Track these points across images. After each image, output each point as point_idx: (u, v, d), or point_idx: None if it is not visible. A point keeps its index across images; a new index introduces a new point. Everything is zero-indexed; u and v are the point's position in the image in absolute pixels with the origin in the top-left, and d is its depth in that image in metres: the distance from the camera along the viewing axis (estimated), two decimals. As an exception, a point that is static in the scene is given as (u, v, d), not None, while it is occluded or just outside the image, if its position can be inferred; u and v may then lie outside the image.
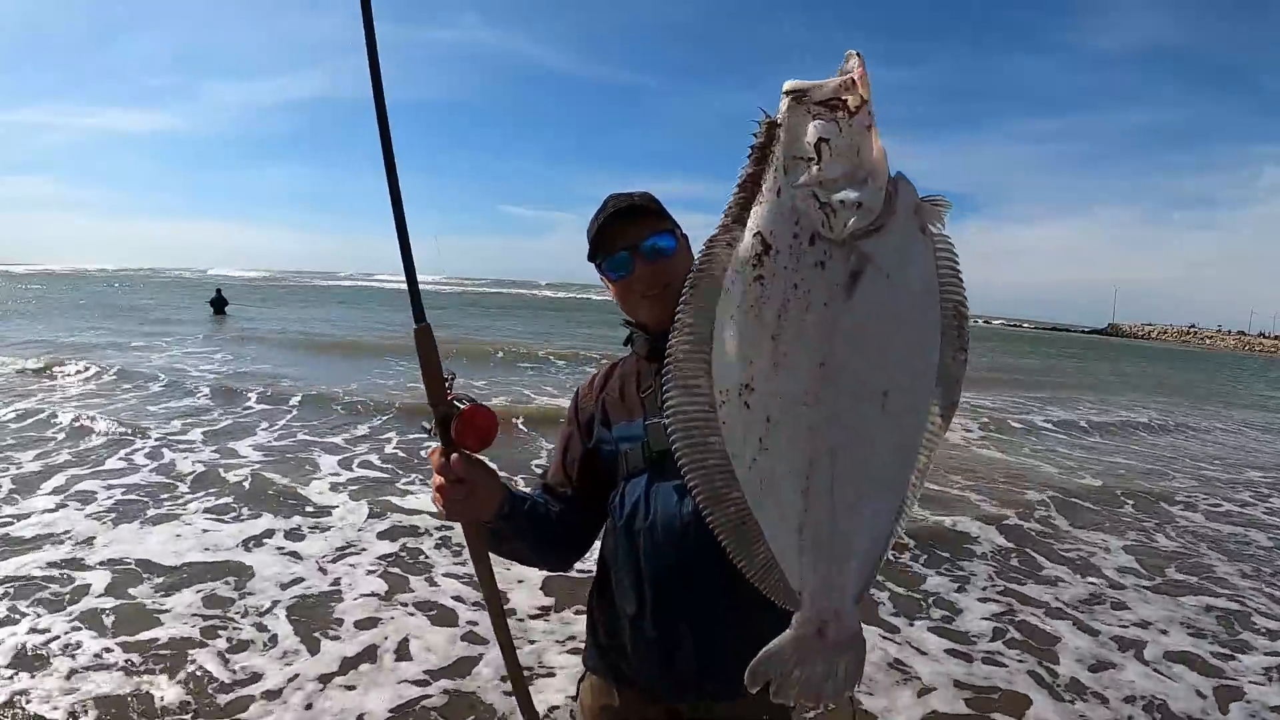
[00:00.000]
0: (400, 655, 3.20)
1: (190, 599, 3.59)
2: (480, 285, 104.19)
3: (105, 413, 7.85)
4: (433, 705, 2.85)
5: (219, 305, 24.20)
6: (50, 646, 3.08)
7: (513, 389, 11.07)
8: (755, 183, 0.85)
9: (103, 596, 3.56)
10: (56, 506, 4.82)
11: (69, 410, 7.79)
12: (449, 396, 1.14)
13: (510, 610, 3.64)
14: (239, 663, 3.05)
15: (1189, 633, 3.92)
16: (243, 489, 5.39)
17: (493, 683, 2.98)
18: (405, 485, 5.76)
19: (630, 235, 1.28)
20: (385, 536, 4.61)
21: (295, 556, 4.24)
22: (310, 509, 5.06)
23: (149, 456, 6.16)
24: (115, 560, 3.99)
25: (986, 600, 4.21)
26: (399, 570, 4.13)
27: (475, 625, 3.49)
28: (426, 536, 4.59)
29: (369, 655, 3.19)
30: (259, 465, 6.11)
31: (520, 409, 9.01)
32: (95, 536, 4.30)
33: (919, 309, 0.83)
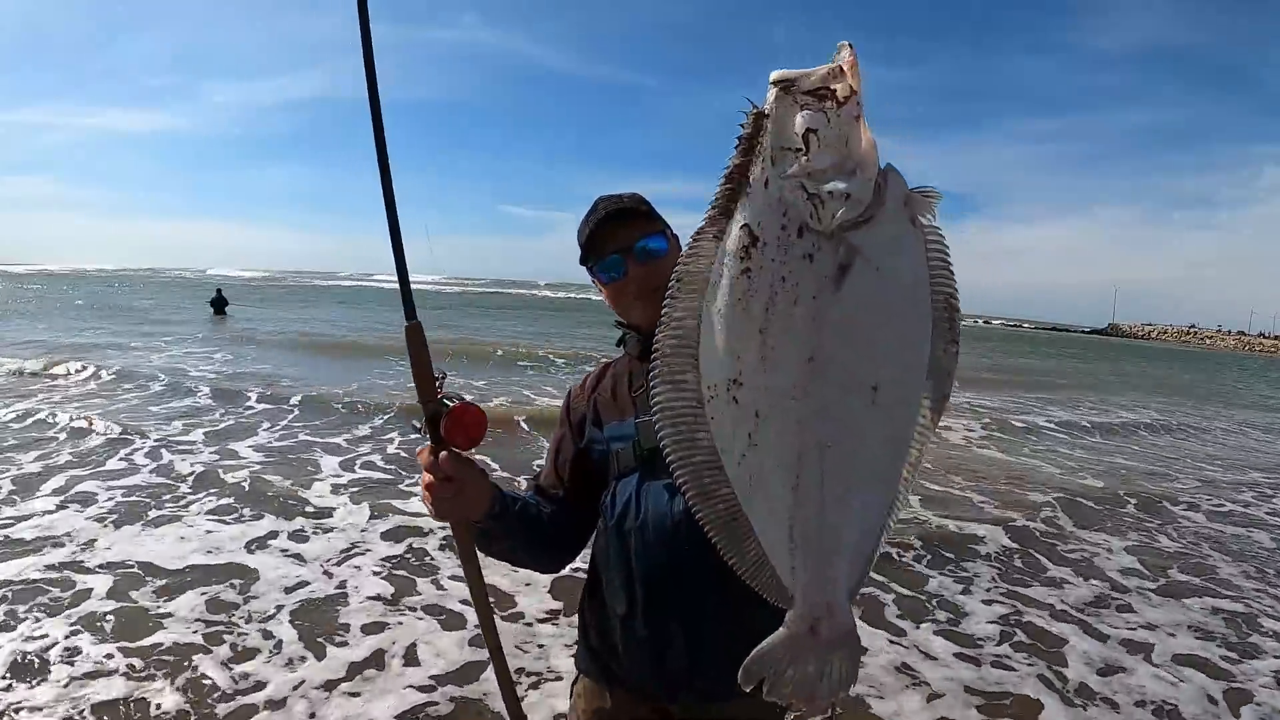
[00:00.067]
0: (408, 660, 3.17)
1: (192, 603, 3.56)
2: (480, 285, 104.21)
3: (105, 413, 7.82)
4: (440, 713, 2.81)
5: (219, 305, 24.17)
6: (49, 653, 3.04)
7: (512, 389, 11.06)
8: (742, 174, 0.83)
9: (103, 600, 3.53)
10: (56, 508, 4.79)
11: (69, 411, 7.76)
12: (439, 395, 1.14)
13: (519, 614, 3.61)
14: (242, 669, 3.02)
15: (1197, 636, 3.90)
16: (244, 490, 5.37)
17: (498, 690, 2.93)
18: (408, 486, 5.74)
19: (621, 238, 1.27)
20: (389, 538, 4.59)
21: (299, 559, 4.22)
22: (313, 510, 5.03)
23: (149, 457, 6.13)
24: (116, 563, 3.96)
25: (991, 602, 4.19)
26: (405, 572, 4.10)
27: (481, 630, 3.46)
28: (431, 537, 4.57)
29: (376, 661, 3.15)
30: (260, 466, 6.09)
31: (524, 410, 8.99)
32: (96, 539, 4.28)
33: (909, 301, 0.82)
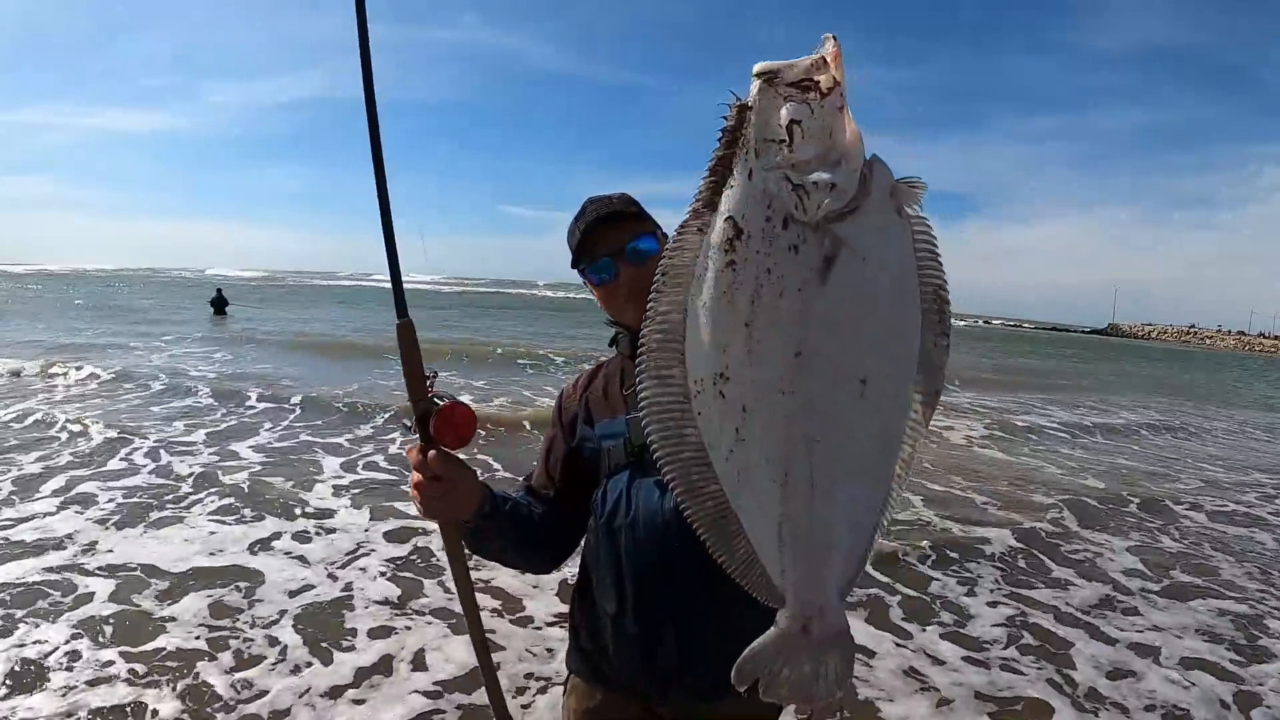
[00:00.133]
0: (417, 666, 3.13)
1: (195, 606, 3.53)
2: (480, 285, 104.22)
3: (105, 414, 7.80)
4: (446, 720, 2.78)
5: (219, 305, 24.15)
6: (49, 658, 3.00)
7: (512, 389, 11.03)
8: (726, 167, 0.82)
9: (105, 604, 3.50)
10: (57, 510, 4.76)
11: (68, 412, 7.74)
12: (429, 393, 1.14)
13: (528, 618, 3.60)
14: (246, 676, 2.98)
15: (1204, 638, 3.88)
16: (246, 492, 5.34)
17: (508, 693, 2.90)
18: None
19: (612, 240, 1.28)
20: (393, 539, 4.56)
21: (302, 561, 4.19)
22: (315, 512, 5.01)
23: (150, 458, 6.11)
24: (118, 566, 3.93)
25: (996, 604, 4.17)
26: (410, 574, 4.07)
27: (493, 633, 3.43)
28: (435, 538, 4.53)
29: (384, 667, 3.11)
30: (262, 467, 6.07)
31: (525, 410, 8.96)
32: (97, 541, 4.25)
33: (897, 293, 0.81)
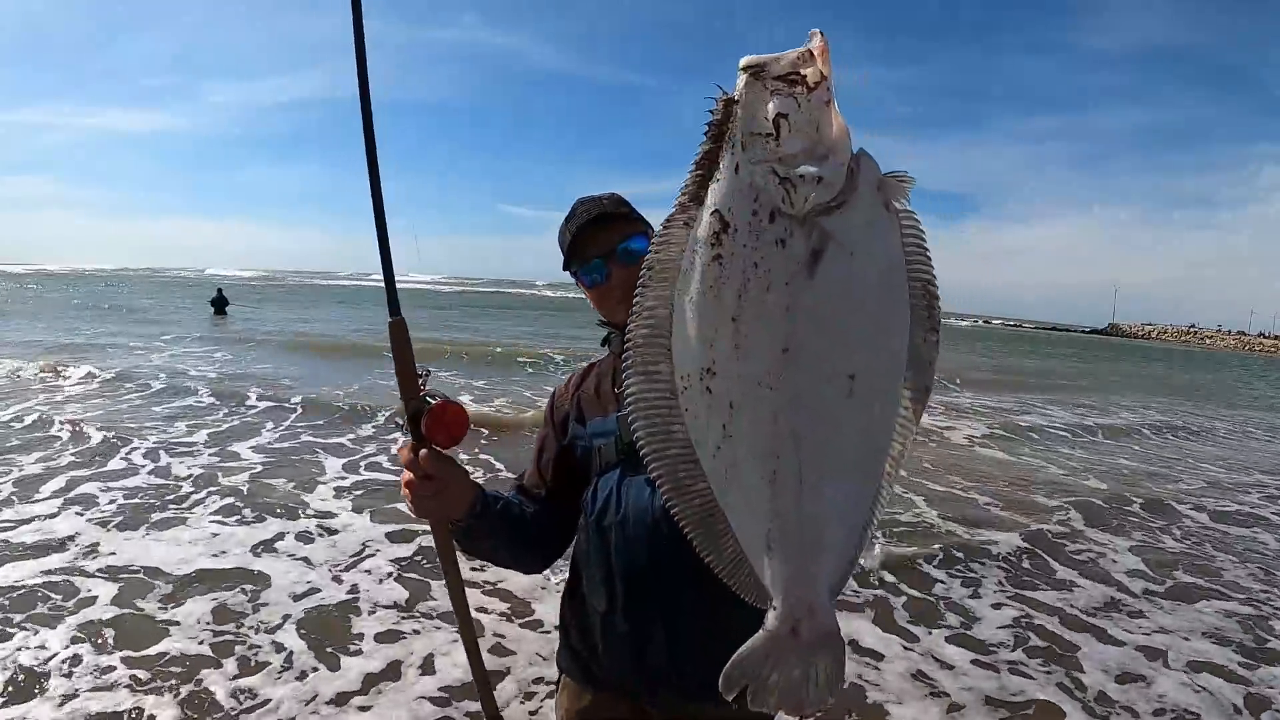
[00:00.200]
0: (425, 670, 3.09)
1: (198, 610, 3.49)
2: (479, 285, 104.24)
3: (106, 414, 7.78)
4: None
5: (220, 305, 24.13)
6: (49, 664, 2.96)
7: (513, 389, 11.01)
8: (713, 161, 0.81)
9: (107, 607, 3.47)
10: (58, 511, 4.73)
11: (69, 412, 7.71)
12: (421, 392, 1.13)
13: (537, 621, 3.57)
14: (251, 682, 2.94)
15: (1211, 641, 3.86)
16: (248, 493, 5.32)
17: (516, 699, 2.92)
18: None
19: (603, 241, 1.28)
20: (398, 540, 4.53)
21: (306, 562, 4.17)
22: (319, 513, 4.98)
23: (151, 459, 6.08)
24: (119, 568, 3.91)
25: (1001, 606, 4.15)
26: (416, 575, 4.04)
27: (503, 637, 3.40)
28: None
29: (392, 672, 3.07)
30: (264, 468, 6.05)
31: (531, 414, 8.87)
32: (98, 542, 4.22)
33: (885, 287, 0.80)
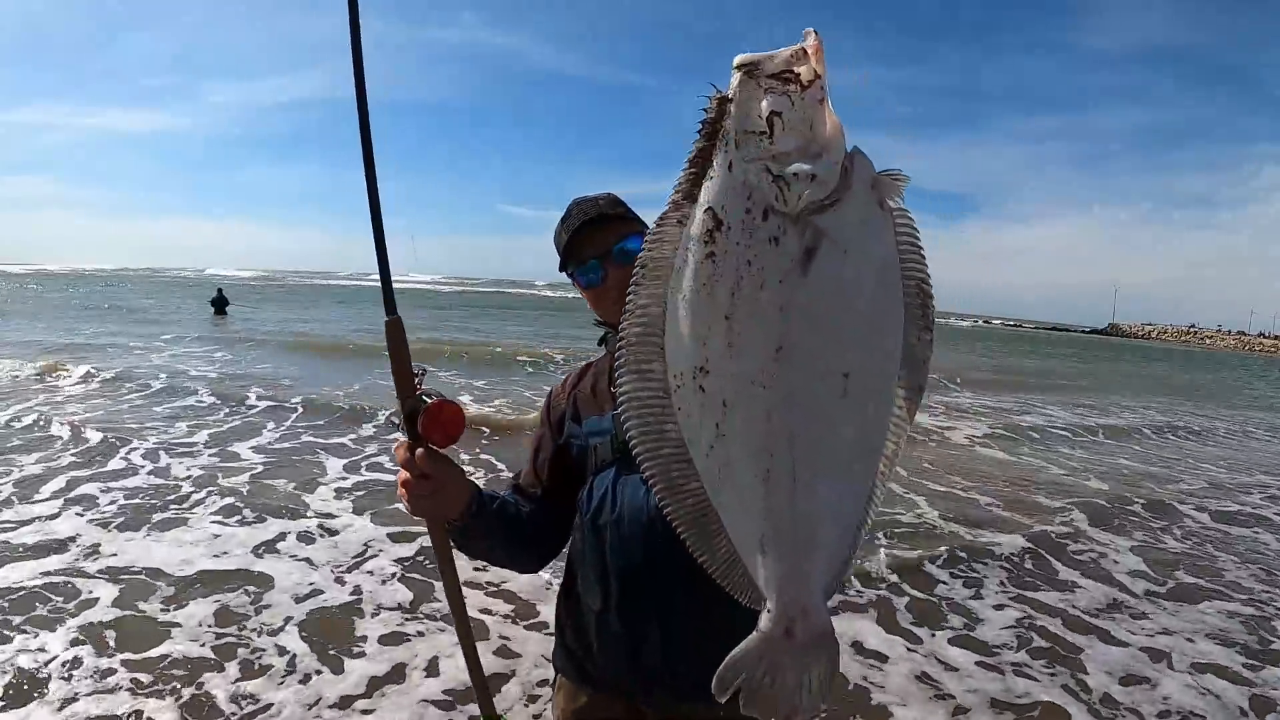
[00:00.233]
0: (430, 673, 3.08)
1: (200, 612, 3.47)
2: (479, 285, 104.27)
3: (106, 415, 7.78)
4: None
5: (220, 305, 24.12)
6: (48, 667, 2.94)
7: (513, 390, 11.00)
8: (706, 158, 0.81)
9: (108, 609, 3.46)
10: (59, 512, 4.72)
11: (69, 413, 7.70)
12: (417, 391, 1.14)
13: (541, 623, 3.56)
14: (254, 684, 2.92)
15: (1216, 642, 3.85)
16: (250, 493, 5.31)
17: (520, 702, 2.91)
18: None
19: (598, 242, 1.29)
20: (400, 540, 4.52)
21: (309, 563, 4.15)
22: (320, 514, 4.97)
23: (152, 460, 6.07)
24: (120, 569, 3.90)
25: (1003, 607, 4.14)
26: (420, 576, 4.03)
27: (508, 640, 3.39)
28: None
29: (397, 675, 3.06)
30: (266, 469, 6.04)
31: (533, 415, 8.90)
32: (99, 543, 4.21)
33: (879, 285, 0.80)
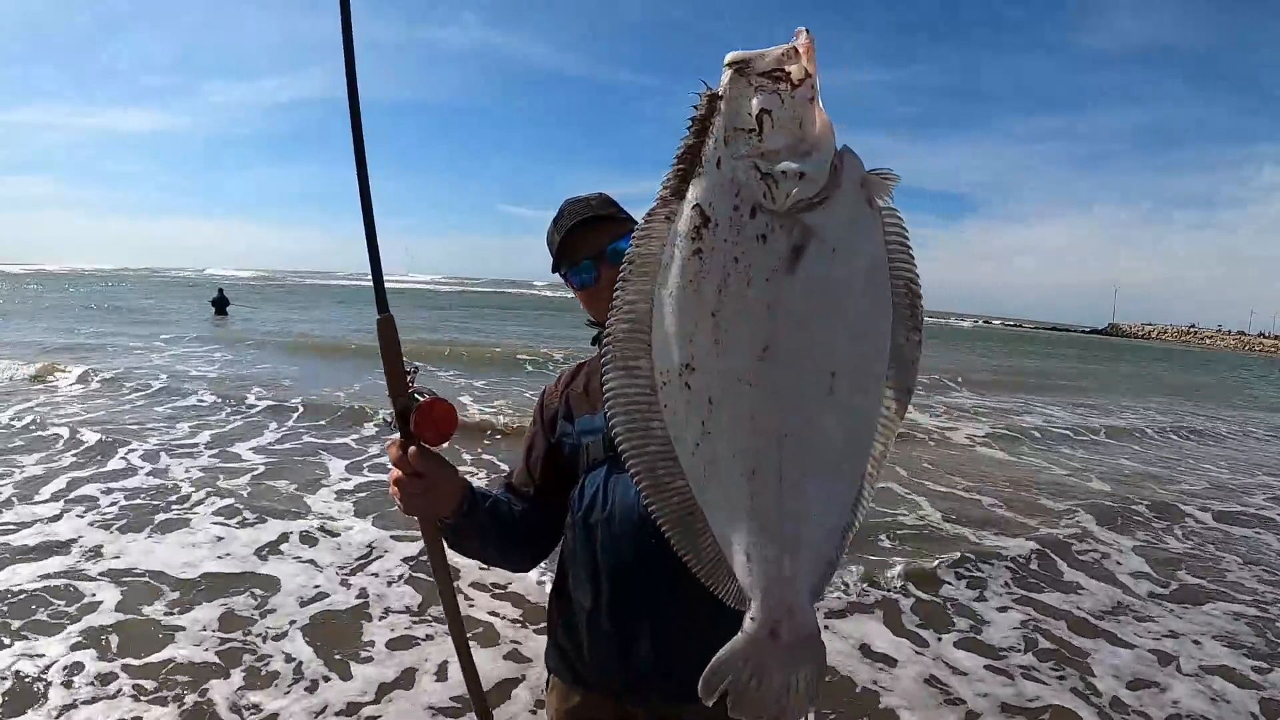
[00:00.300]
0: (440, 677, 3.05)
1: (204, 616, 3.44)
2: (479, 285, 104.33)
3: (107, 415, 7.75)
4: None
5: (221, 305, 24.09)
6: (49, 672, 2.91)
7: (513, 391, 10.96)
8: (695, 155, 0.81)
9: (110, 612, 3.43)
10: (59, 513, 4.70)
11: (69, 413, 7.69)
12: (409, 389, 1.13)
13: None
14: (259, 691, 2.88)
15: (1223, 644, 3.83)
16: (252, 495, 5.29)
17: (529, 707, 2.88)
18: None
19: (592, 243, 1.29)
20: (405, 541, 4.49)
21: (314, 565, 4.13)
22: (323, 515, 4.95)
23: (153, 461, 6.04)
24: (122, 571, 3.87)
25: (1007, 609, 4.12)
26: (425, 575, 3.99)
27: (519, 644, 3.36)
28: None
29: (406, 680, 3.02)
30: (268, 469, 6.02)
31: (527, 412, 8.89)
32: (101, 545, 4.19)
33: (867, 284, 0.79)
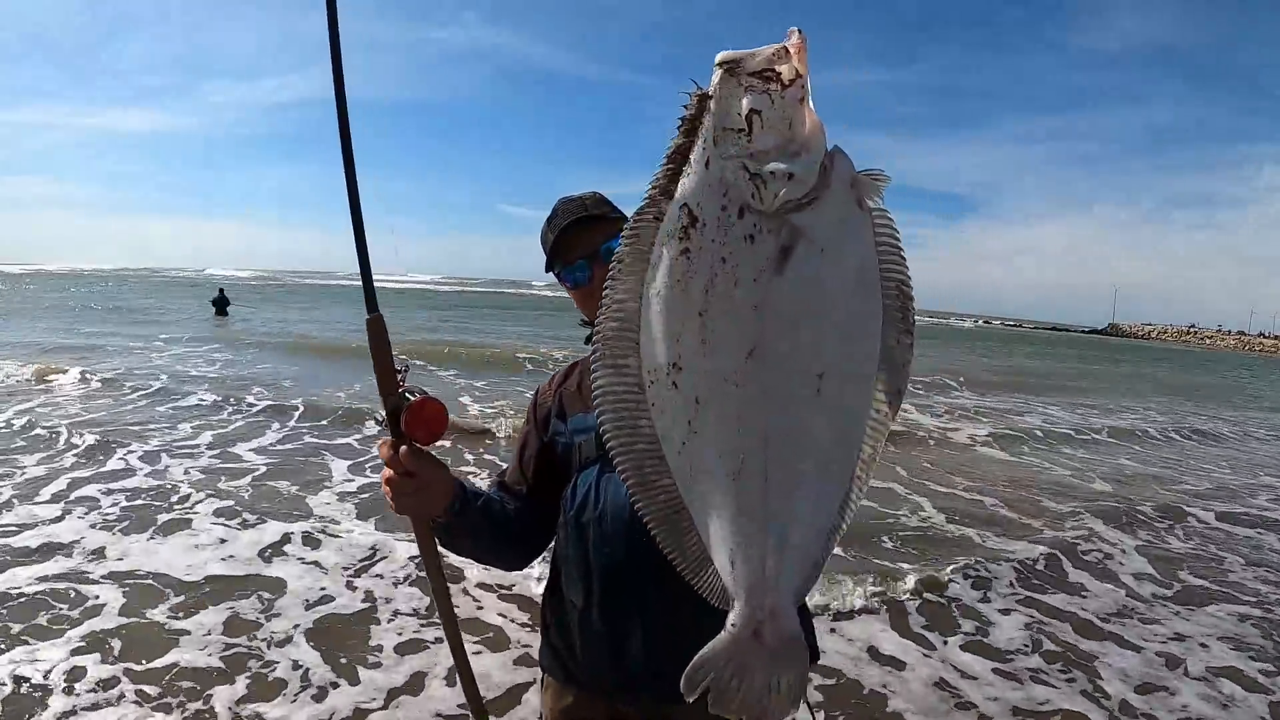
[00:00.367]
0: (450, 682, 3.03)
1: (208, 619, 3.42)
2: (478, 285, 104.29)
3: (108, 416, 7.74)
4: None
5: (221, 305, 24.04)
6: (49, 676, 2.89)
7: (513, 391, 10.92)
8: (684, 155, 0.81)
9: (113, 615, 3.41)
10: (61, 515, 4.68)
11: (69, 414, 7.67)
12: (400, 388, 1.13)
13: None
14: (265, 697, 2.86)
15: (1230, 646, 3.82)
16: (255, 496, 5.28)
17: (539, 712, 2.83)
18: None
19: (586, 242, 1.28)
20: (411, 543, 4.45)
21: (318, 567, 4.11)
22: (328, 516, 4.93)
23: (154, 462, 6.03)
24: (124, 573, 3.86)
25: (1012, 611, 4.10)
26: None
27: (530, 648, 3.34)
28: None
29: (415, 685, 3.00)
30: (270, 470, 6.01)
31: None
32: (104, 547, 4.17)
33: (856, 286, 0.79)
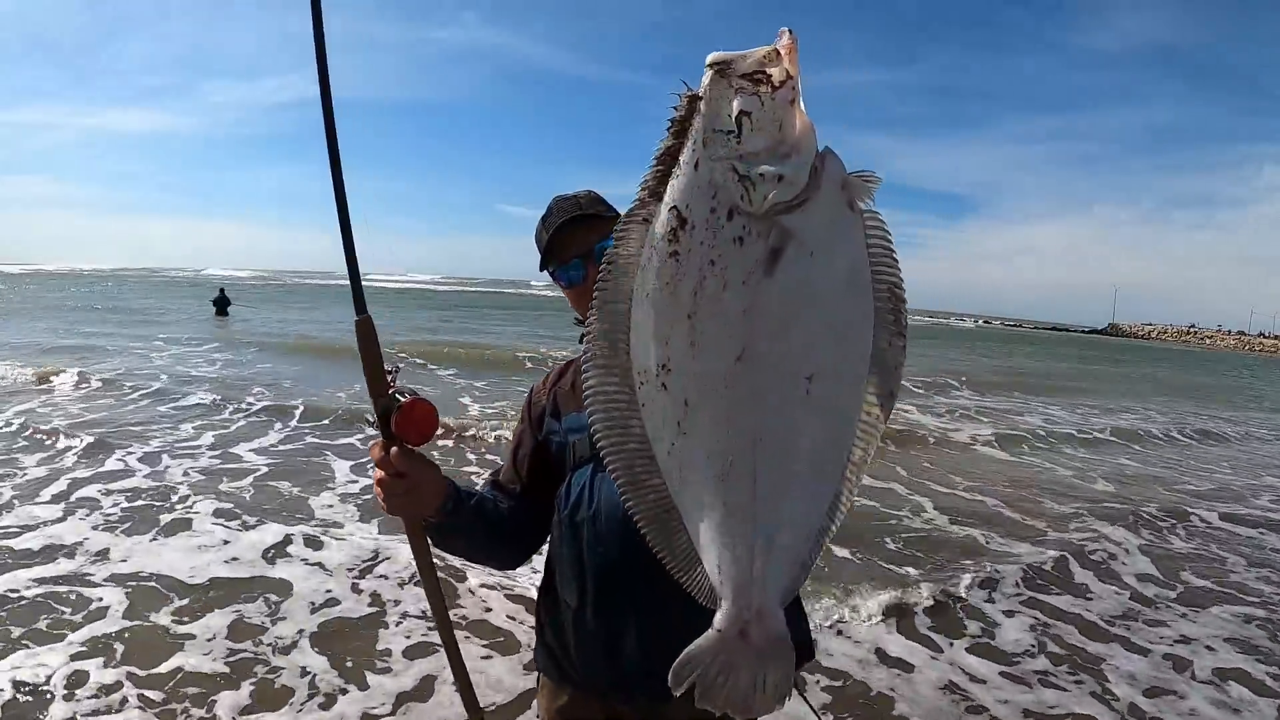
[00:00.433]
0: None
1: (213, 623, 3.38)
2: (477, 285, 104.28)
3: (108, 416, 7.72)
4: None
5: (222, 305, 24.02)
6: (51, 681, 2.86)
7: (514, 392, 10.91)
8: (674, 156, 0.81)
9: (116, 619, 3.39)
10: (63, 516, 4.66)
11: (69, 414, 7.65)
12: (391, 389, 1.13)
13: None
14: (270, 700, 2.84)
15: (1237, 649, 3.80)
16: (257, 497, 5.26)
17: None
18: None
19: (580, 241, 1.27)
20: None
21: (322, 568, 4.08)
22: (330, 518, 4.92)
23: (154, 463, 6.01)
24: (127, 575, 3.84)
25: (1018, 613, 4.09)
26: (440, 579, 3.95)
27: (530, 647, 3.30)
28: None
29: (425, 691, 2.95)
30: (271, 470, 5.99)
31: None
32: (106, 549, 4.15)
33: (846, 288, 0.79)
